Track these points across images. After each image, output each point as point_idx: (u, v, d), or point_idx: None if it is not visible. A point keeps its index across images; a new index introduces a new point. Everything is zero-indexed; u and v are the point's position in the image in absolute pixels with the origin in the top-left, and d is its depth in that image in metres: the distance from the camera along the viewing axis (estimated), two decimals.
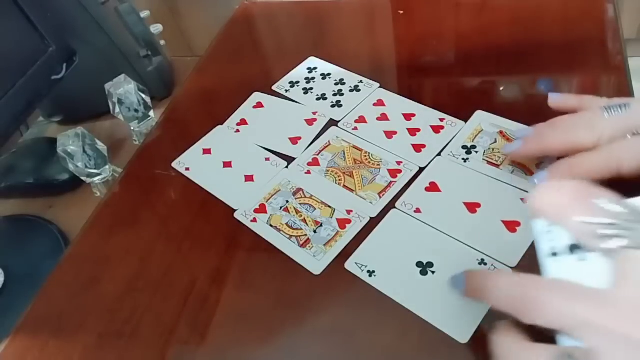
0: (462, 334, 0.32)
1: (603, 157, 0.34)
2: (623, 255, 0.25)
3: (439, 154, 0.43)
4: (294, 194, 0.42)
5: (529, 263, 0.34)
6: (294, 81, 0.53)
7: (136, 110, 0.58)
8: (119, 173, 0.50)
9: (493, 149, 0.42)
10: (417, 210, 0.39)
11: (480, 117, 0.45)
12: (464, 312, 0.33)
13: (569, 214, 0.27)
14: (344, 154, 0.44)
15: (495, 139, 0.43)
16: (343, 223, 0.39)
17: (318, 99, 0.51)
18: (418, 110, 0.47)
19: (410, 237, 0.37)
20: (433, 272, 0.35)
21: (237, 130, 0.49)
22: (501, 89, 0.49)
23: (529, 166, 0.40)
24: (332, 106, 0.49)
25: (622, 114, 0.35)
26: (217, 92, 0.56)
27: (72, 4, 0.60)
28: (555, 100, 0.41)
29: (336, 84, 0.52)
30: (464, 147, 0.43)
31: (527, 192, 0.38)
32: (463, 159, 0.42)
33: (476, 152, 0.42)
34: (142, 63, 0.68)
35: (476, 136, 0.43)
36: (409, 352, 0.32)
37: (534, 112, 0.45)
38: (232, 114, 0.51)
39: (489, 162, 0.41)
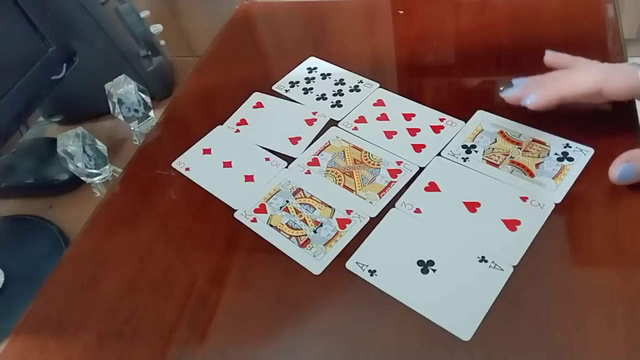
0: (465, 332, 0.32)
1: (590, 74, 0.37)
2: None
3: (439, 154, 0.43)
4: (294, 194, 0.42)
5: (531, 261, 0.34)
6: (294, 81, 0.53)
7: (136, 110, 0.58)
8: (119, 173, 0.50)
9: (493, 149, 0.42)
10: (417, 210, 0.39)
11: (481, 117, 0.45)
12: (466, 310, 0.33)
13: None
14: (344, 154, 0.44)
15: (496, 139, 0.43)
16: (343, 223, 0.39)
17: (318, 99, 0.51)
18: (418, 110, 0.47)
19: (410, 236, 0.37)
20: (434, 271, 0.35)
21: (237, 130, 0.49)
22: (501, 89, 0.49)
23: (528, 166, 0.40)
24: (332, 106, 0.49)
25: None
26: (217, 92, 0.56)
27: (72, 4, 0.60)
28: (550, 56, 0.44)
29: (336, 84, 0.52)
30: (463, 146, 0.43)
31: (525, 191, 0.38)
32: (463, 158, 0.42)
33: (476, 151, 0.42)
34: (142, 63, 0.68)
35: (476, 136, 0.43)
36: (410, 351, 0.32)
37: (534, 112, 0.45)
38: (232, 114, 0.51)
39: (488, 162, 0.41)
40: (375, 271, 0.36)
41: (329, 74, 0.53)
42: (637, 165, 0.36)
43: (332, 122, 0.48)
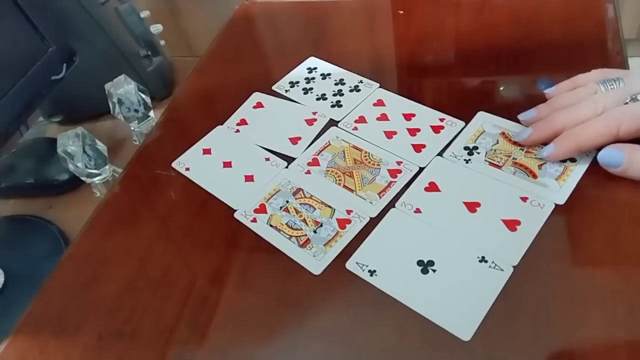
0: (465, 332, 0.32)
1: (603, 123, 0.37)
2: None
3: (439, 154, 0.43)
4: (294, 194, 0.42)
5: (531, 261, 0.34)
6: (294, 81, 0.53)
7: (136, 110, 0.58)
8: (119, 173, 0.50)
9: (495, 150, 0.42)
10: (417, 210, 0.39)
11: (483, 118, 0.45)
12: (466, 310, 0.33)
13: None
14: (344, 154, 0.44)
15: (497, 140, 0.43)
16: (343, 223, 0.39)
17: (318, 99, 0.51)
18: (418, 110, 0.47)
19: (410, 236, 0.37)
20: (434, 271, 0.35)
21: (237, 130, 0.49)
22: (501, 89, 0.49)
23: (531, 167, 0.40)
24: (332, 106, 0.49)
25: (617, 87, 0.38)
26: (217, 92, 0.56)
27: (72, 4, 0.60)
28: (551, 93, 0.44)
29: (336, 84, 0.52)
30: (465, 148, 0.43)
31: (527, 192, 0.38)
32: (465, 159, 0.42)
33: (478, 153, 0.42)
34: (142, 63, 0.68)
35: (478, 137, 0.43)
36: (410, 351, 0.32)
37: None
38: (232, 114, 0.51)
39: (490, 163, 0.41)
40: (375, 271, 0.36)
41: (329, 74, 0.53)
42: (626, 156, 0.36)
43: (332, 122, 0.48)
